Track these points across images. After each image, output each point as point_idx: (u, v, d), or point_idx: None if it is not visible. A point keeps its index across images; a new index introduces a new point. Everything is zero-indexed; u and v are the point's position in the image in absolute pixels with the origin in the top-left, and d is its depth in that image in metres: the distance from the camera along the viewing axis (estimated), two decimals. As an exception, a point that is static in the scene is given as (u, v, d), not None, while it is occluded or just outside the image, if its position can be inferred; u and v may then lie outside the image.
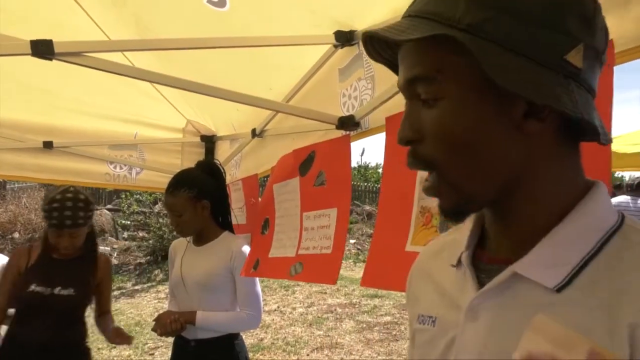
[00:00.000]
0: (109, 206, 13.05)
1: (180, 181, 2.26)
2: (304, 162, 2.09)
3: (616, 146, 5.84)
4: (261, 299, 2.36)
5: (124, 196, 11.91)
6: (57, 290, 2.30)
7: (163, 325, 2.19)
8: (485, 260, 0.67)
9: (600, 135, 0.58)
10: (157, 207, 11.82)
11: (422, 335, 0.72)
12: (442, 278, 0.72)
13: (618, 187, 6.76)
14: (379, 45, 0.65)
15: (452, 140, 0.58)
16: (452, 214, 0.63)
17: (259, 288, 2.35)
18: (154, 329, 2.26)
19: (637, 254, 0.56)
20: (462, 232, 0.72)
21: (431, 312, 0.71)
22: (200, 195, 2.25)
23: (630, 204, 6.04)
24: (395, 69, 0.66)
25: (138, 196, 11.72)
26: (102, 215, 12.06)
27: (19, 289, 2.31)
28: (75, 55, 1.35)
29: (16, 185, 12.34)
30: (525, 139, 0.58)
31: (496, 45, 0.54)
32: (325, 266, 1.83)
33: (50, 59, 1.34)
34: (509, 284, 0.60)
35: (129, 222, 12.10)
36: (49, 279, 2.30)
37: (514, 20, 0.54)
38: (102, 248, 10.99)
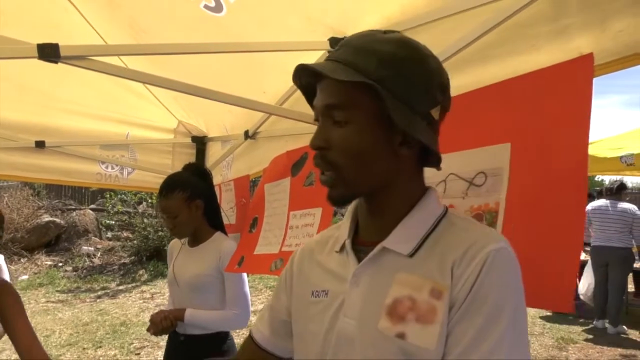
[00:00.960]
0: (92, 206, 12.97)
1: (173, 183, 2.29)
2: (296, 163, 2.15)
3: (596, 150, 5.99)
4: (249, 299, 2.40)
5: (108, 196, 11.84)
6: None
7: (155, 324, 2.25)
8: (360, 244, 0.93)
9: (439, 164, 0.90)
10: (142, 207, 11.77)
11: (317, 305, 0.95)
12: (329, 262, 0.98)
13: (600, 193, 6.89)
14: (304, 74, 0.89)
15: (352, 152, 0.84)
16: (338, 201, 0.88)
17: (247, 289, 2.39)
18: (148, 330, 2.31)
19: (455, 229, 0.86)
20: (342, 228, 0.99)
21: (324, 287, 0.95)
22: (194, 195, 2.30)
23: (610, 208, 6.19)
24: (305, 93, 0.94)
25: (123, 196, 11.66)
26: (86, 215, 11.98)
27: None
28: (80, 58, 1.39)
29: (-2, 185, 12.19)
30: (397, 158, 0.86)
31: (392, 95, 0.80)
32: None
33: (56, 62, 1.38)
34: (379, 256, 0.88)
35: (113, 222, 12.03)
36: None
37: (404, 82, 0.81)
38: (86, 248, 10.95)
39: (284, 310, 1.05)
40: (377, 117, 0.83)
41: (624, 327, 6.14)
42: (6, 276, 2.72)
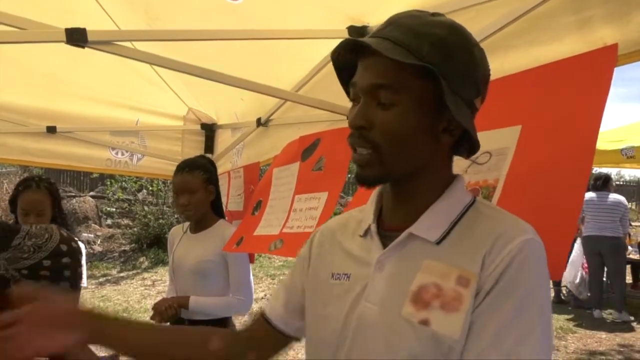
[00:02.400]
0: (92, 193, 12.95)
1: (195, 163, 2.37)
2: (308, 148, 2.17)
3: (597, 143, 6.01)
4: (252, 285, 2.45)
5: (108, 183, 11.83)
6: None
7: (159, 312, 2.27)
8: (384, 229, 0.92)
9: (473, 153, 0.91)
10: (142, 195, 11.78)
11: (337, 288, 0.94)
12: (351, 245, 0.96)
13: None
14: (344, 49, 0.86)
15: (395, 135, 0.82)
16: (371, 182, 0.87)
17: (250, 275, 2.44)
18: (152, 318, 2.32)
19: (484, 217, 0.86)
20: (365, 211, 0.97)
21: (346, 271, 0.94)
22: (210, 180, 2.38)
23: (602, 200, 6.38)
24: (339, 69, 0.91)
25: (123, 183, 11.66)
26: (86, 202, 11.98)
27: None
28: (107, 43, 1.41)
29: (-3, 171, 12.18)
30: (437, 145, 0.86)
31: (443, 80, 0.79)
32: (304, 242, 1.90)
33: (83, 47, 1.40)
34: (405, 242, 0.87)
35: (113, 209, 12.04)
36: None
37: (453, 68, 0.80)
38: (86, 235, 10.95)
39: (300, 290, 1.04)
40: (425, 102, 0.81)
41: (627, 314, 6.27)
42: (83, 272, 2.67)
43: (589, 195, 6.43)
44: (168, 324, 2.40)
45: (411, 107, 0.81)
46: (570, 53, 1.16)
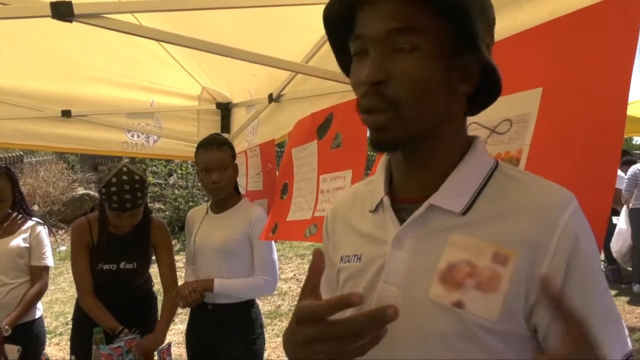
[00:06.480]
0: (124, 178, 13.16)
1: (222, 140, 2.34)
2: (322, 125, 2.09)
3: (635, 111, 5.74)
4: (277, 265, 2.39)
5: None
6: (122, 265, 2.42)
7: (183, 296, 2.24)
8: (398, 202, 0.82)
9: (498, 91, 0.79)
10: (172, 179, 11.93)
11: (348, 270, 0.86)
12: (361, 224, 0.88)
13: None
14: (340, 4, 0.76)
15: (418, 83, 0.71)
16: (391, 147, 0.76)
17: (275, 255, 2.39)
18: (175, 302, 2.30)
19: (514, 183, 0.76)
20: (374, 184, 0.88)
21: (356, 252, 0.86)
22: (234, 157, 2.36)
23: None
24: (332, 28, 0.82)
25: (154, 168, 11.81)
26: (119, 187, 12.17)
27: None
28: (95, 16, 1.34)
29: (33, 159, 12.48)
30: (454, 97, 0.76)
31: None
32: None
33: (70, 21, 1.33)
34: (426, 215, 0.77)
35: (145, 194, 12.25)
36: (113, 256, 2.41)
37: (472, 6, 0.70)
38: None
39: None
40: (445, 46, 0.72)
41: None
42: (48, 251, 2.72)
43: (637, 166, 6.14)
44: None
45: (433, 51, 0.71)
46: (591, 1, 1.03)
